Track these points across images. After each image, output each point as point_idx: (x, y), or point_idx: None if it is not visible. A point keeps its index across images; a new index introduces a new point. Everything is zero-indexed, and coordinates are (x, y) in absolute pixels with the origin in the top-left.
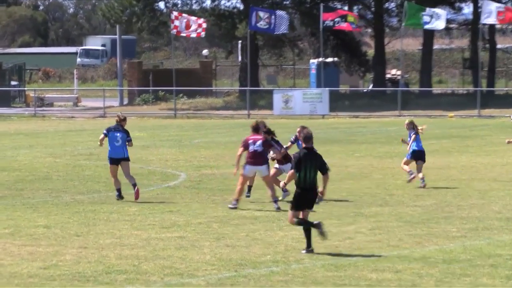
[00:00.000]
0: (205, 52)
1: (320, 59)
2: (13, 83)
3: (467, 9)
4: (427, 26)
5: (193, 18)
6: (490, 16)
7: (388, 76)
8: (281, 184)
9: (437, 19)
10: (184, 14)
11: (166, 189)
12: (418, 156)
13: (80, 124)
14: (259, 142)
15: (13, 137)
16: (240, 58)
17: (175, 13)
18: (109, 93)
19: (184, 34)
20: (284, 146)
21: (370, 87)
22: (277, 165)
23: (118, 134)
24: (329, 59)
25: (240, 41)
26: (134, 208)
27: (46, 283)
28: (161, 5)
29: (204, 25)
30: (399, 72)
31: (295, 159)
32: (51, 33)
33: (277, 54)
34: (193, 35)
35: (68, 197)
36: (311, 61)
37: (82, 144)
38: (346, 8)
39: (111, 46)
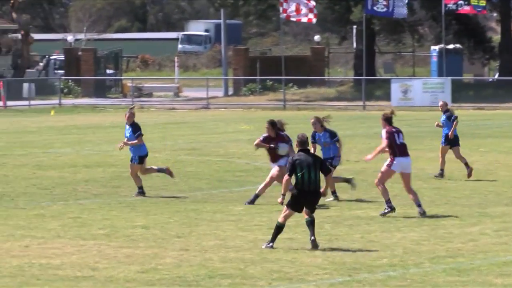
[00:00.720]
0: (316, 38)
1: (442, 46)
2: (108, 71)
3: None
4: None
5: (304, 0)
6: None
7: None
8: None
9: None
10: None
11: (275, 187)
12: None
13: (181, 116)
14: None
15: (108, 130)
16: (355, 45)
17: None
18: (212, 82)
19: (294, 19)
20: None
21: (496, 76)
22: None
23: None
24: (451, 46)
25: (355, 26)
26: (239, 208)
27: None
28: None
29: (315, 10)
30: None
31: (289, 163)
32: (150, 17)
33: (395, 40)
34: (304, 19)
35: (168, 195)
36: (432, 47)
37: (184, 137)
38: None
39: (215, 31)
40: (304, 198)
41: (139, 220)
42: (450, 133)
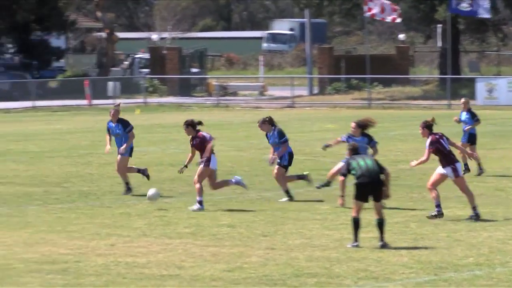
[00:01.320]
0: (401, 36)
1: None
2: (193, 70)
3: None
4: None
5: (387, 2)
6: None
7: None
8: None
9: None
10: None
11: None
12: None
13: (266, 115)
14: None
15: None
16: (439, 43)
17: None
18: (297, 81)
19: (378, 18)
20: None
21: None
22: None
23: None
24: None
25: (439, 25)
26: (325, 207)
27: (230, 286)
28: None
29: (400, 9)
30: None
31: (344, 166)
32: (234, 16)
33: (480, 39)
34: (388, 19)
35: (254, 194)
36: None
37: None
38: None
39: (300, 30)
40: (367, 188)
41: (225, 219)
42: (466, 128)
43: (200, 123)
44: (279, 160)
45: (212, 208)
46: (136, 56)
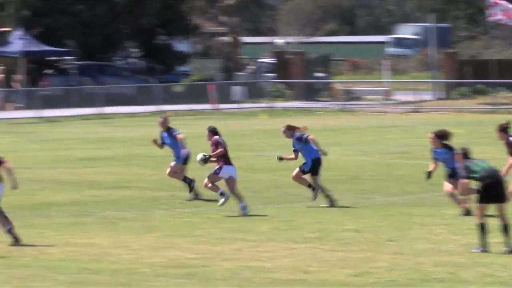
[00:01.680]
0: None
1: None
2: (318, 74)
3: None
4: None
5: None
6: None
7: None
8: (463, 206)
9: None
10: (502, 1)
11: None
12: None
13: (391, 120)
14: None
15: (320, 133)
16: None
17: (491, 0)
18: (422, 85)
19: (502, 23)
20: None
21: None
22: None
23: None
24: None
25: None
26: (451, 212)
27: None
28: None
29: None
30: None
31: (463, 170)
32: (358, 20)
33: None
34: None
35: (380, 199)
36: None
37: (394, 141)
38: None
39: (424, 34)
40: (492, 189)
41: (351, 224)
42: None
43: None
44: (302, 164)
45: (338, 212)
46: (261, 60)
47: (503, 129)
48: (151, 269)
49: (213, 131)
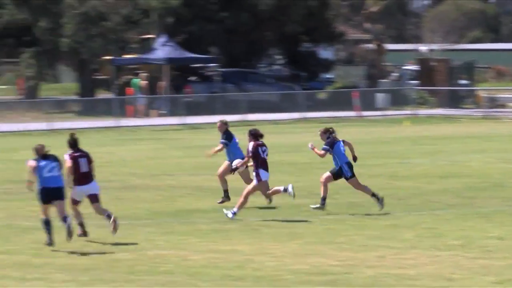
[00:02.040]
0: None
1: None
2: (462, 82)
3: None
4: None
5: None
6: None
7: None
8: None
9: None
10: None
11: None
12: None
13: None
14: None
15: (463, 140)
16: None
17: None
18: None
19: None
20: None
21: None
22: None
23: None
24: None
25: None
26: None
27: None
28: None
29: None
30: None
31: None
32: (503, 28)
33: None
34: None
35: None
36: None
37: None
38: None
39: None
40: None
41: (495, 231)
42: None
43: None
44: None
45: (481, 220)
46: (405, 67)
47: None
48: (295, 276)
49: (254, 135)
